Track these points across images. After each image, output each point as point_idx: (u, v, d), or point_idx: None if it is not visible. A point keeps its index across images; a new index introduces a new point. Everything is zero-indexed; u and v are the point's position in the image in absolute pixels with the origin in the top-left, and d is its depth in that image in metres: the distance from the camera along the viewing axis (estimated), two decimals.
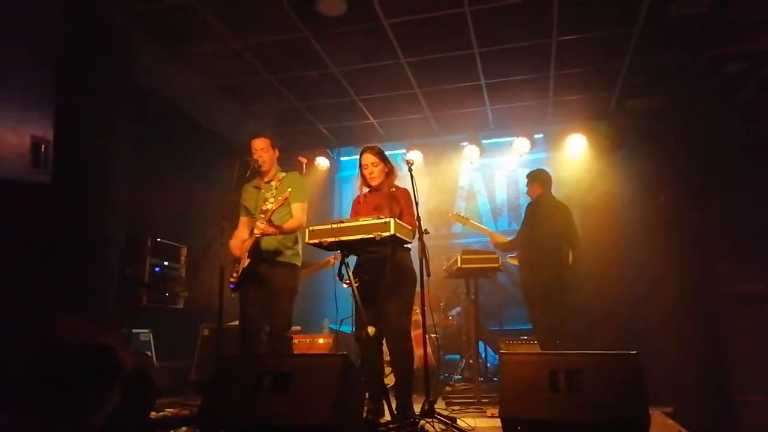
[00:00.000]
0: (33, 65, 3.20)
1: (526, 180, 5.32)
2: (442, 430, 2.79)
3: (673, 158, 5.87)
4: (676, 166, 5.82)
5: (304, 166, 7.43)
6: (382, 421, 2.95)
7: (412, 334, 3.43)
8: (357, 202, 3.71)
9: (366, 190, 3.68)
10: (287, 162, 4.15)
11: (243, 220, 3.97)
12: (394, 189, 3.58)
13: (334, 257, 5.69)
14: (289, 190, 3.70)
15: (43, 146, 3.05)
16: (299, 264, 3.91)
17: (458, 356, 6.12)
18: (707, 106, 5.84)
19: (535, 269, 4.81)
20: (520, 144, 6.86)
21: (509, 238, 5.28)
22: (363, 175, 3.63)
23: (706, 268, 5.37)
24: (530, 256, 4.90)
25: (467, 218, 5.60)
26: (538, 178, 5.20)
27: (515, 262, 5.18)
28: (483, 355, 5.72)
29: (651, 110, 6.25)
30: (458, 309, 6.31)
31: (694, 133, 5.83)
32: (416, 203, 3.32)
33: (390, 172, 3.60)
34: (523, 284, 4.98)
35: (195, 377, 5.13)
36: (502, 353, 2.91)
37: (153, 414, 3.24)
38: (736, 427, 4.73)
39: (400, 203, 3.46)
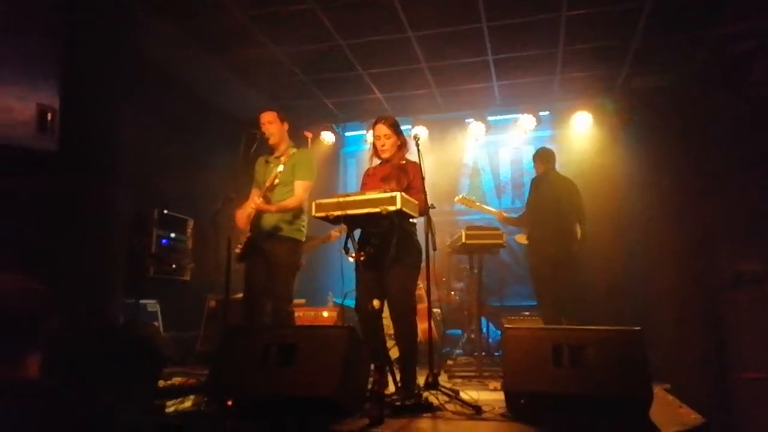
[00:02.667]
0: (39, 36, 3.19)
1: (532, 161, 5.37)
2: (446, 402, 2.83)
3: (678, 137, 5.82)
4: (681, 144, 5.78)
5: (309, 140, 7.40)
6: (386, 392, 2.99)
7: (417, 307, 3.46)
8: (367, 174, 3.69)
9: (377, 161, 3.66)
10: (292, 136, 4.13)
11: (254, 191, 3.99)
12: (404, 162, 3.56)
13: (337, 231, 5.71)
14: (281, 168, 3.68)
15: (49, 114, 3.05)
16: (302, 239, 3.93)
17: (459, 331, 6.18)
18: (715, 85, 5.77)
19: (543, 244, 4.83)
20: (526, 121, 6.82)
21: (515, 216, 5.32)
22: (374, 146, 3.59)
23: (707, 247, 5.38)
24: (538, 232, 4.92)
25: (473, 200, 5.66)
26: (540, 157, 5.26)
27: (524, 240, 5.19)
28: (484, 330, 5.77)
29: (658, 88, 6.19)
30: (461, 284, 6.35)
31: (700, 112, 5.77)
32: (423, 178, 3.31)
33: (402, 145, 3.57)
34: (531, 260, 5.01)
35: (201, 348, 5.20)
36: (507, 327, 2.93)
37: (161, 383, 3.28)
38: (732, 403, 4.80)
39: (409, 176, 3.44)
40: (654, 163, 5.96)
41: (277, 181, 3.70)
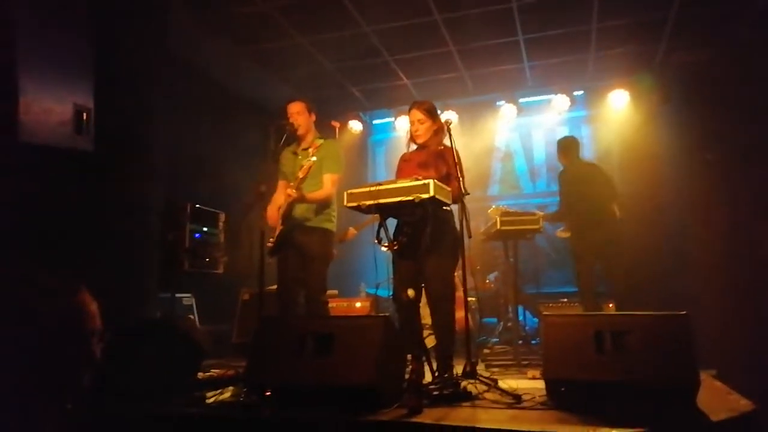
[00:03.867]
0: (72, 37, 3.23)
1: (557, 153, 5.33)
2: (485, 391, 2.78)
3: (720, 114, 5.58)
4: (724, 118, 5.54)
5: (337, 130, 7.38)
6: (423, 382, 2.96)
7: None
8: (403, 159, 3.65)
9: (413, 147, 3.61)
10: (319, 126, 4.10)
11: (281, 183, 3.99)
12: (442, 147, 3.50)
13: (354, 229, 5.65)
14: (313, 159, 3.66)
15: (85, 114, 3.10)
16: (333, 229, 3.92)
17: (495, 319, 6.11)
18: (760, 58, 5.50)
19: (585, 233, 4.84)
20: (559, 102, 6.65)
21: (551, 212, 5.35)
22: (410, 132, 3.55)
23: (754, 224, 5.16)
24: (577, 222, 4.94)
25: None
26: (563, 148, 5.21)
27: (566, 234, 5.19)
28: (521, 318, 5.69)
29: (699, 63, 5.93)
30: (496, 273, 6.27)
31: (744, 88, 5.52)
32: (459, 164, 3.25)
33: (439, 129, 3.51)
34: (576, 250, 4.97)
35: (237, 340, 5.27)
36: (545, 315, 2.86)
37: (200, 374, 3.33)
38: None
39: (448, 163, 3.37)
40: (696, 139, 5.74)
41: (309, 172, 3.68)
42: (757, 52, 5.38)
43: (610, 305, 4.69)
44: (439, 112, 7.04)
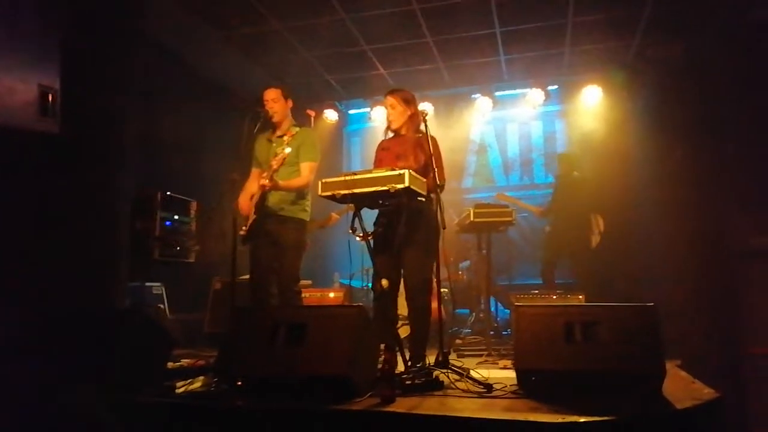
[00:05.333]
0: (39, 15, 3.11)
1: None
2: (456, 380, 2.80)
3: (690, 109, 5.70)
4: (694, 117, 5.66)
5: (312, 119, 7.31)
6: (396, 371, 2.97)
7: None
8: (381, 148, 3.64)
9: (390, 135, 3.60)
10: (294, 114, 4.06)
11: (254, 171, 3.94)
12: (420, 135, 3.49)
13: (336, 213, 5.65)
14: (288, 150, 3.62)
15: (50, 95, 2.99)
16: (306, 219, 3.89)
17: (467, 310, 6.16)
18: (731, 55, 5.62)
19: (562, 232, 5.77)
20: (534, 96, 6.70)
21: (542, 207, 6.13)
22: (386, 119, 3.58)
23: (719, 221, 5.30)
24: (558, 222, 5.87)
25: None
26: (565, 159, 6.12)
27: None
28: (493, 310, 5.75)
29: (671, 59, 6.04)
30: (467, 263, 6.32)
31: (714, 84, 5.63)
32: (439, 154, 3.26)
33: (414, 116, 3.51)
34: (548, 241, 5.98)
35: (208, 330, 5.20)
36: (517, 305, 2.89)
37: (170, 364, 3.28)
38: (744, 379, 4.77)
39: (426, 152, 3.36)
40: (667, 135, 5.85)
41: (284, 161, 3.63)
42: (727, 47, 5.49)
43: (580, 297, 4.78)
44: None
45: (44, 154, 3.30)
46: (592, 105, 6.68)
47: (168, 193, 4.88)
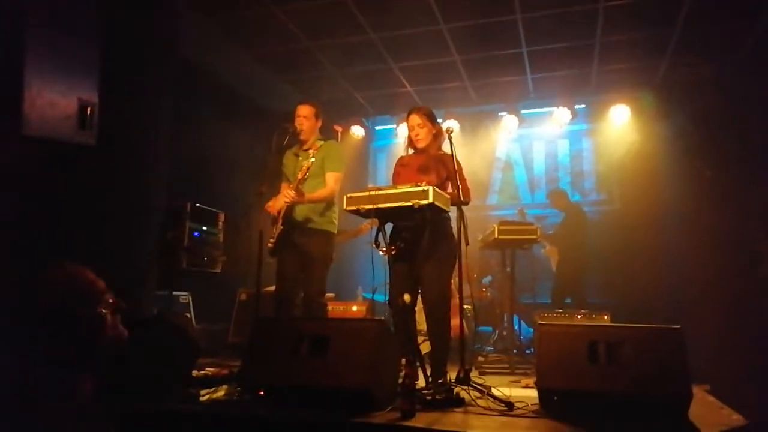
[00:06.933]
0: (80, 31, 3.25)
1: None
2: (478, 397, 2.79)
3: (721, 131, 5.61)
4: (725, 139, 5.57)
5: (339, 134, 7.41)
6: (417, 387, 2.97)
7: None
8: (401, 164, 3.65)
9: (411, 151, 3.63)
10: (322, 130, 4.13)
11: (283, 186, 4.00)
12: (441, 152, 3.51)
13: (367, 224, 5.68)
14: (312, 160, 3.68)
15: (89, 109, 3.12)
16: (334, 231, 3.93)
17: (490, 328, 6.10)
18: (761, 76, 5.54)
19: (565, 262, 6.24)
20: (561, 114, 6.68)
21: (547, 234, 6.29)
22: (409, 137, 3.57)
23: (751, 242, 5.18)
24: (561, 252, 6.29)
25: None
26: (560, 196, 6.57)
27: (552, 255, 6.31)
28: (516, 328, 5.69)
29: (700, 80, 5.98)
30: (489, 278, 6.30)
31: (745, 105, 5.55)
32: (461, 169, 3.27)
33: (438, 133, 3.54)
34: (557, 269, 6.34)
35: (233, 339, 5.26)
36: (540, 324, 2.87)
37: (194, 372, 3.33)
38: None
39: (448, 168, 3.39)
40: (696, 155, 5.76)
41: (308, 173, 3.70)
42: (758, 70, 5.42)
43: (605, 317, 4.71)
44: (440, 120, 7.12)
45: (81, 165, 3.42)
46: (620, 124, 6.63)
47: (197, 204, 5.00)
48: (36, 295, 1.70)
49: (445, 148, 3.45)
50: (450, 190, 3.34)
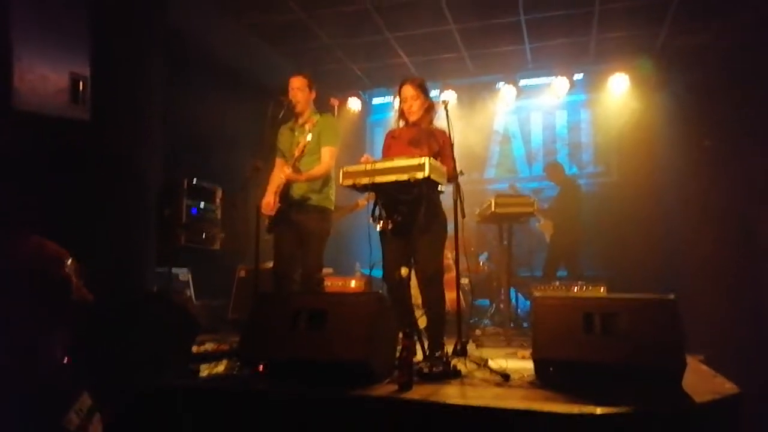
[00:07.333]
0: (70, 5, 3.18)
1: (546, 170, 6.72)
2: (474, 369, 2.82)
3: (720, 96, 5.55)
4: (724, 104, 5.51)
5: (335, 108, 7.33)
6: (415, 359, 3.00)
7: (445, 277, 3.43)
8: (391, 136, 3.59)
9: (402, 124, 3.57)
10: (318, 104, 4.06)
11: (278, 161, 3.97)
12: (433, 126, 3.48)
13: (365, 199, 5.67)
14: (308, 138, 3.64)
15: (81, 83, 3.07)
16: (331, 207, 3.92)
17: (488, 301, 6.15)
18: (760, 44, 5.46)
19: (560, 234, 6.20)
20: (559, 85, 6.61)
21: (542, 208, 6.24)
22: (401, 109, 3.50)
23: (748, 211, 5.18)
24: (556, 225, 6.23)
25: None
26: (556, 169, 6.57)
27: (547, 229, 6.26)
28: (513, 301, 5.73)
29: (700, 47, 5.89)
30: (486, 255, 6.32)
31: (743, 73, 5.48)
32: (452, 145, 3.24)
33: (430, 107, 3.49)
34: (551, 242, 6.26)
35: (232, 316, 5.30)
36: (536, 296, 2.90)
37: (194, 348, 3.36)
38: None
39: (439, 142, 3.36)
40: (694, 125, 5.72)
41: (305, 149, 3.67)
42: (757, 36, 5.33)
43: (602, 289, 4.74)
44: (438, 91, 7.03)
45: (74, 139, 3.39)
46: (619, 94, 6.57)
47: (194, 180, 4.97)
48: (8, 259, 1.80)
49: (441, 121, 3.41)
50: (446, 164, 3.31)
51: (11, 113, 2.84)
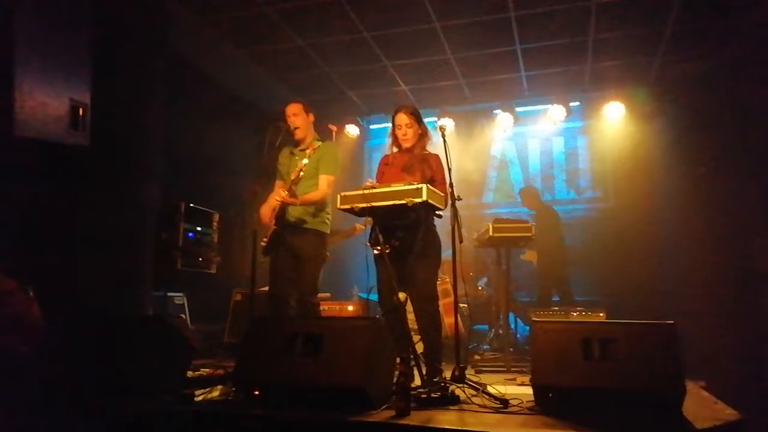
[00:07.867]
0: (71, 32, 3.23)
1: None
2: (473, 395, 2.79)
3: (715, 124, 5.62)
4: (718, 132, 5.58)
5: (334, 134, 7.39)
6: (412, 385, 2.96)
7: (442, 302, 3.43)
8: (384, 163, 3.65)
9: (395, 150, 3.62)
10: (316, 130, 4.12)
11: (278, 183, 4.00)
12: (426, 152, 3.52)
13: (362, 224, 5.69)
14: (306, 161, 3.67)
15: (81, 109, 3.10)
16: (327, 231, 3.92)
17: (486, 326, 6.11)
18: (753, 72, 5.55)
19: (544, 265, 6.13)
20: (556, 112, 6.68)
21: None
22: (395, 135, 3.57)
23: (745, 238, 5.19)
24: (544, 256, 6.14)
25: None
26: (530, 194, 6.48)
27: (531, 258, 6.17)
28: (513, 326, 5.70)
29: (694, 76, 5.98)
30: (485, 279, 6.29)
31: (739, 101, 5.56)
32: (449, 170, 3.26)
33: (424, 134, 3.55)
34: (538, 271, 6.20)
35: (228, 340, 5.25)
36: (534, 321, 2.87)
37: (189, 373, 3.33)
38: None
39: (432, 167, 3.40)
40: (690, 152, 5.78)
41: (302, 174, 3.69)
42: (751, 65, 5.43)
43: (601, 314, 4.71)
44: (436, 118, 7.10)
45: (73, 165, 3.41)
46: (615, 121, 6.63)
47: (191, 204, 4.98)
48: None
49: (439, 148, 3.44)
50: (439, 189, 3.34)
51: (12, 140, 2.86)
